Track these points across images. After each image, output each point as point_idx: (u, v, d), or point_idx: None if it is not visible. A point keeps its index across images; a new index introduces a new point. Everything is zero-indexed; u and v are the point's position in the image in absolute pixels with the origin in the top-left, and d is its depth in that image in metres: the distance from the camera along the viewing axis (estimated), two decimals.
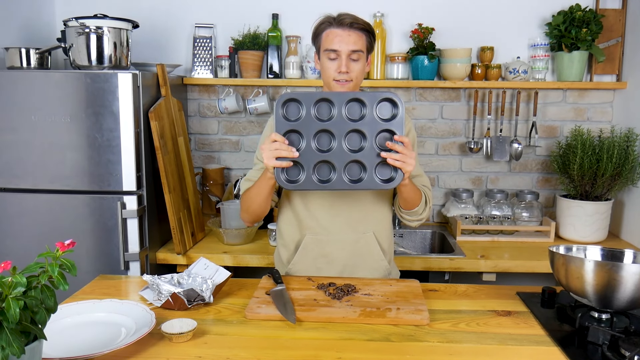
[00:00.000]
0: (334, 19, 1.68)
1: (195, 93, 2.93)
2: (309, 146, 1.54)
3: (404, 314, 1.49)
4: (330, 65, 1.68)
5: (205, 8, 2.86)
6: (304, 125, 1.54)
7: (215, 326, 1.45)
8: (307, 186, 1.56)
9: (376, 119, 1.54)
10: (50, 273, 1.08)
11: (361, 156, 1.54)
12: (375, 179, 1.55)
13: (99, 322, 1.44)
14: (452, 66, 2.71)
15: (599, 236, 2.59)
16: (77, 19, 2.22)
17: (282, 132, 1.53)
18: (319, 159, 1.55)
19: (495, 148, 2.81)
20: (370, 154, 1.54)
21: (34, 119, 2.23)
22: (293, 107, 1.55)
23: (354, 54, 1.67)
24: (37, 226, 2.29)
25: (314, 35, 1.73)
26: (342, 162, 1.55)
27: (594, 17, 2.65)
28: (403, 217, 1.82)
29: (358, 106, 1.55)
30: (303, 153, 1.54)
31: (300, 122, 1.54)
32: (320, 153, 1.55)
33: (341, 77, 1.67)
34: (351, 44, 1.66)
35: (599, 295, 1.40)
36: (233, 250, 2.42)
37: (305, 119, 1.54)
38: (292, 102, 1.54)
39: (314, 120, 1.54)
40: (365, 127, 1.54)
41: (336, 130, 1.54)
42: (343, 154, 1.55)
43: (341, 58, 1.66)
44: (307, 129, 1.54)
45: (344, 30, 1.66)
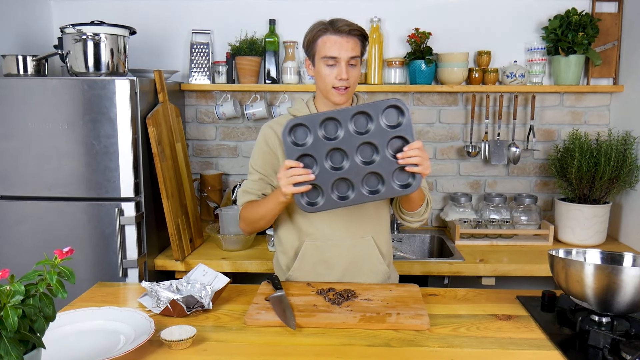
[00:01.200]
0: (330, 25, 1.67)
1: (193, 99, 2.93)
2: (323, 167, 1.54)
3: (404, 319, 1.48)
4: (329, 72, 1.67)
5: (202, 14, 2.86)
6: (314, 148, 1.54)
7: (214, 333, 1.44)
8: (329, 206, 1.56)
9: (384, 127, 1.54)
10: (48, 281, 1.07)
11: (376, 167, 1.55)
12: (394, 186, 1.56)
13: (97, 330, 1.43)
14: (450, 70, 2.71)
15: (598, 239, 2.59)
16: (74, 25, 2.22)
17: (294, 158, 1.54)
18: (335, 177, 1.55)
19: (493, 152, 2.81)
20: (385, 162, 1.54)
21: (31, 126, 2.22)
22: (300, 132, 1.55)
23: (352, 60, 1.67)
24: (34, 234, 2.28)
25: (309, 42, 1.71)
26: (358, 176, 1.55)
27: (590, 20, 2.66)
28: (405, 219, 1.82)
29: (364, 118, 1.54)
30: (319, 175, 1.54)
31: (310, 145, 1.54)
32: (335, 171, 1.55)
33: (341, 84, 1.67)
34: (350, 51, 1.65)
35: (599, 298, 1.39)
36: (232, 256, 2.41)
37: (315, 141, 1.54)
38: (299, 127, 1.55)
39: (323, 141, 1.54)
40: (375, 137, 1.54)
41: (347, 147, 1.54)
42: (358, 168, 1.55)
43: (340, 65, 1.66)
44: (318, 151, 1.54)
45: (341, 36, 1.65)
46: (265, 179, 1.81)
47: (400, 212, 1.82)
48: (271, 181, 1.81)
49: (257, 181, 1.81)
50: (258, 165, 1.81)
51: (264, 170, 1.80)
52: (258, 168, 1.81)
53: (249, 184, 1.82)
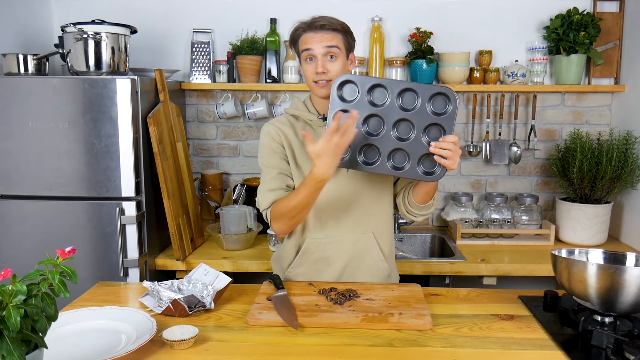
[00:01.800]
0: (306, 23, 1.69)
1: (194, 98, 2.92)
2: (359, 127, 1.57)
3: (406, 319, 1.48)
4: (308, 67, 1.69)
5: (203, 13, 2.86)
6: (356, 107, 1.57)
7: (216, 333, 1.44)
8: (351, 165, 1.59)
9: (428, 111, 1.55)
10: (50, 281, 1.07)
11: (407, 145, 1.57)
12: (418, 169, 1.57)
13: (99, 330, 1.43)
14: (451, 70, 2.71)
15: (599, 239, 2.59)
16: (75, 24, 2.21)
17: (335, 110, 1.56)
18: (366, 142, 1.58)
19: (494, 151, 2.81)
20: (417, 144, 1.56)
21: (31, 125, 2.22)
22: (348, 89, 1.58)
23: (329, 51, 1.66)
24: (35, 233, 2.27)
25: (291, 43, 1.74)
26: (388, 148, 1.57)
27: (591, 20, 2.65)
28: (411, 211, 1.80)
29: (412, 96, 1.56)
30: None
31: (353, 103, 1.57)
32: (368, 136, 1.58)
33: (318, 78, 1.67)
34: (325, 42, 1.65)
35: (602, 298, 1.39)
36: (232, 256, 2.41)
37: (359, 101, 1.57)
38: (349, 84, 1.58)
39: (367, 104, 1.57)
40: (415, 118, 1.56)
41: (387, 117, 1.57)
42: (390, 140, 1.57)
43: (317, 59, 1.67)
44: (359, 111, 1.56)
45: (315, 32, 1.66)
46: (284, 173, 1.76)
47: (407, 205, 1.80)
48: (288, 173, 1.77)
49: (277, 176, 1.75)
50: (272, 162, 1.76)
51: (279, 164, 1.75)
52: (273, 164, 1.76)
53: (270, 182, 1.75)
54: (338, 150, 1.50)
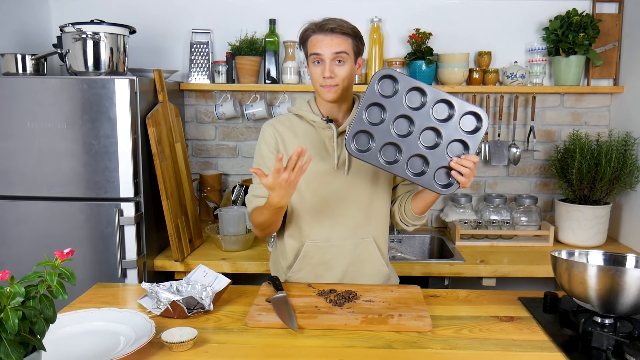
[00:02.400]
0: (317, 24, 1.67)
1: (193, 99, 2.92)
2: (388, 125, 1.57)
3: (406, 321, 1.48)
4: (316, 70, 1.67)
5: (202, 13, 2.85)
6: (391, 103, 1.57)
7: (215, 334, 1.43)
8: (371, 160, 1.59)
9: (458, 127, 1.58)
10: (49, 282, 1.06)
11: (430, 154, 1.58)
12: (434, 180, 1.59)
13: (97, 331, 1.42)
14: (450, 71, 2.71)
15: (598, 240, 2.59)
16: (73, 24, 2.21)
17: (369, 102, 1.57)
18: (391, 140, 1.58)
19: (494, 152, 2.81)
20: (439, 156, 1.58)
21: (30, 125, 2.21)
22: (387, 85, 1.58)
23: (337, 57, 1.65)
24: (33, 234, 2.27)
25: (300, 43, 1.73)
26: (410, 152, 1.58)
27: (590, 21, 2.65)
28: (408, 222, 1.82)
29: (446, 108, 1.58)
30: (380, 129, 1.57)
31: (389, 99, 1.58)
32: (395, 136, 1.58)
33: (325, 83, 1.66)
34: (334, 47, 1.64)
35: (603, 300, 1.39)
36: (231, 257, 2.40)
37: (396, 98, 1.57)
38: (389, 79, 1.58)
39: (402, 104, 1.58)
40: (445, 130, 1.58)
41: (418, 121, 1.58)
42: (415, 145, 1.58)
43: (325, 62, 1.65)
44: (392, 108, 1.57)
45: (325, 35, 1.65)
46: None
47: (403, 214, 1.81)
48: None
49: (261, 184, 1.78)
50: (261, 167, 1.77)
51: (267, 170, 1.74)
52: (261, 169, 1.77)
53: (256, 188, 1.79)
54: (289, 185, 1.53)
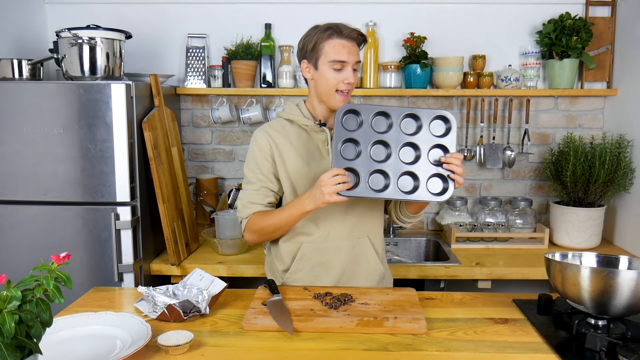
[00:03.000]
0: (336, 28, 1.67)
1: (189, 103, 2.93)
2: (366, 154, 1.60)
3: (401, 323, 1.48)
4: (335, 75, 1.68)
5: (198, 18, 2.86)
6: (361, 134, 1.60)
7: (211, 338, 1.44)
8: (362, 193, 1.60)
9: (430, 134, 1.61)
10: (45, 286, 1.07)
11: (415, 168, 1.60)
12: (427, 191, 1.61)
13: (94, 335, 1.43)
14: (445, 74, 2.72)
15: (593, 242, 2.60)
16: (69, 29, 2.21)
17: (341, 139, 1.59)
18: (374, 168, 1.60)
19: (488, 155, 2.82)
20: (424, 167, 1.61)
21: (26, 130, 2.21)
22: (351, 119, 1.62)
23: (356, 65, 1.70)
24: (30, 238, 2.27)
25: (313, 45, 1.69)
26: (396, 172, 1.60)
27: (583, 25, 2.67)
28: (405, 220, 1.86)
29: (413, 121, 1.62)
30: (360, 161, 1.59)
31: (358, 131, 1.60)
32: (375, 162, 1.60)
33: (346, 88, 1.69)
34: (356, 55, 1.69)
35: (596, 301, 1.40)
36: (228, 261, 2.41)
37: (364, 129, 1.61)
38: (351, 113, 1.61)
39: (372, 131, 1.61)
40: (419, 141, 1.61)
41: (392, 142, 1.61)
42: (398, 164, 1.60)
43: (348, 69, 1.68)
44: (364, 139, 1.60)
45: (349, 41, 1.68)
46: (266, 186, 1.78)
47: (399, 214, 1.85)
48: (272, 187, 1.79)
49: (259, 190, 1.78)
50: (255, 174, 1.78)
51: (263, 177, 1.78)
52: (256, 176, 1.78)
53: (251, 194, 1.79)
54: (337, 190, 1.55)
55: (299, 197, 1.68)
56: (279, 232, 1.77)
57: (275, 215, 1.72)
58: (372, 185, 1.60)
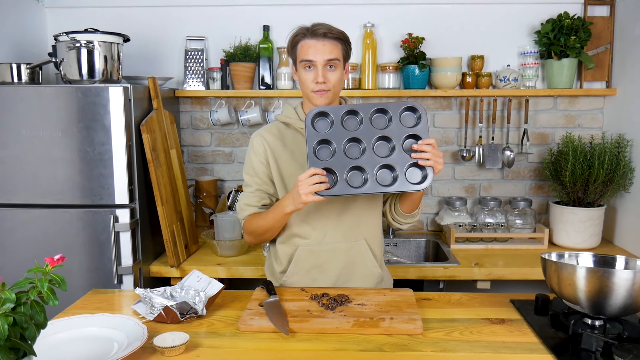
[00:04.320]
0: (308, 29, 1.69)
1: (188, 105, 2.93)
2: (341, 153, 1.62)
3: (397, 324, 1.48)
4: (307, 76, 1.69)
5: (196, 21, 2.87)
6: (334, 135, 1.62)
7: (208, 339, 1.44)
8: (342, 192, 1.60)
9: (401, 126, 1.63)
10: (39, 288, 1.07)
11: (391, 160, 1.62)
12: (406, 181, 1.61)
13: (91, 337, 1.43)
14: (443, 75, 2.72)
15: (593, 242, 2.59)
16: (67, 33, 2.22)
17: (314, 142, 1.62)
18: (351, 165, 1.61)
19: (488, 156, 2.82)
20: (400, 158, 1.62)
21: (25, 134, 2.22)
22: (322, 122, 1.64)
23: (329, 63, 1.67)
24: (29, 241, 2.27)
25: (290, 47, 1.74)
26: (372, 167, 1.61)
27: (582, 24, 2.67)
28: (398, 220, 1.85)
29: (383, 116, 1.65)
30: (335, 160, 1.61)
31: (330, 132, 1.63)
32: (351, 159, 1.61)
33: (319, 88, 1.68)
34: (326, 53, 1.66)
35: (592, 302, 1.40)
36: (227, 262, 2.41)
37: (335, 129, 1.63)
38: (321, 116, 1.64)
39: (344, 130, 1.63)
40: (392, 133, 1.63)
41: (365, 138, 1.62)
42: (373, 158, 1.62)
43: (317, 68, 1.67)
44: (337, 138, 1.62)
45: (317, 40, 1.67)
46: (262, 189, 1.81)
47: (394, 214, 1.84)
48: (267, 190, 1.81)
49: (255, 192, 1.81)
50: (252, 176, 1.81)
51: (258, 180, 1.80)
52: (252, 179, 1.81)
53: (248, 197, 1.82)
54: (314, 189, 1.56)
55: (280, 200, 1.70)
56: (270, 233, 1.78)
57: (262, 218, 1.75)
58: (351, 182, 1.60)
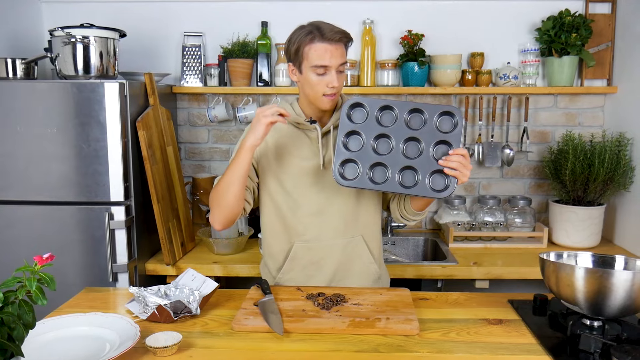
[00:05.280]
0: (317, 31, 1.63)
1: (185, 102, 2.91)
2: (368, 146, 1.61)
3: (393, 324, 1.47)
4: (319, 80, 1.64)
5: (194, 17, 2.84)
6: (365, 127, 1.61)
7: (201, 339, 1.42)
8: (362, 184, 1.61)
9: (435, 130, 1.60)
10: (28, 288, 1.05)
11: (416, 163, 1.60)
12: (428, 187, 1.59)
13: (82, 336, 1.41)
14: (443, 72, 2.70)
15: (592, 241, 2.57)
16: (62, 28, 2.20)
17: (345, 132, 1.61)
18: (375, 160, 1.60)
19: (487, 154, 2.80)
20: (426, 162, 1.59)
21: (19, 129, 2.20)
22: (358, 112, 1.64)
23: (341, 67, 1.66)
24: (23, 238, 2.25)
25: (295, 48, 1.66)
26: (397, 166, 1.60)
27: (583, 22, 2.64)
28: (409, 218, 1.81)
29: (419, 116, 1.62)
30: (361, 152, 1.60)
31: (362, 124, 1.62)
32: (377, 155, 1.60)
33: (332, 91, 1.65)
34: (339, 58, 1.64)
35: (590, 302, 1.38)
36: (223, 260, 2.39)
37: (368, 122, 1.62)
38: (358, 107, 1.64)
39: (376, 125, 1.61)
40: (423, 136, 1.60)
41: (395, 136, 1.61)
42: (399, 158, 1.60)
43: (332, 73, 1.64)
44: (368, 131, 1.62)
45: (331, 44, 1.62)
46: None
47: (404, 211, 1.80)
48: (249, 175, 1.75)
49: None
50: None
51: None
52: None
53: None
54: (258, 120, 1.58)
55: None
56: (231, 190, 1.63)
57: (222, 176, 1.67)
58: (373, 177, 1.60)
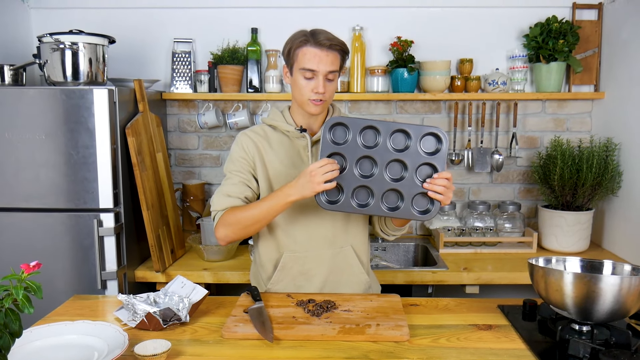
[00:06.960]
0: (311, 36, 1.64)
1: (175, 108, 2.90)
2: (351, 169, 1.58)
3: (383, 330, 1.47)
4: (306, 84, 1.65)
5: (184, 23, 2.84)
6: (348, 149, 1.58)
7: (190, 347, 1.42)
8: (345, 208, 1.59)
9: (420, 151, 1.57)
10: (14, 296, 1.05)
11: (400, 186, 1.58)
12: (412, 209, 1.58)
13: (70, 345, 1.40)
14: (432, 78, 2.71)
15: (581, 246, 2.59)
16: (51, 34, 2.19)
17: (327, 154, 1.57)
18: (359, 184, 1.58)
19: (477, 159, 2.81)
20: (410, 185, 1.57)
21: (8, 136, 2.19)
22: (340, 131, 1.59)
23: (330, 75, 1.65)
24: (11, 245, 2.23)
25: (288, 51, 1.68)
26: (381, 189, 1.58)
27: (570, 28, 2.67)
28: (389, 233, 1.82)
29: (403, 137, 1.58)
30: (345, 176, 1.57)
31: (345, 146, 1.58)
32: (361, 178, 1.58)
33: (316, 97, 1.65)
34: (329, 65, 1.63)
35: (579, 307, 1.39)
36: (213, 267, 2.38)
37: (351, 143, 1.57)
38: (339, 126, 1.58)
39: (359, 147, 1.58)
40: (407, 158, 1.58)
41: (379, 158, 1.58)
42: (383, 181, 1.58)
43: (318, 78, 1.63)
44: (351, 153, 1.58)
45: (322, 50, 1.62)
46: (245, 182, 1.75)
47: (384, 226, 1.82)
48: (251, 185, 1.75)
49: (238, 184, 1.74)
50: (236, 169, 1.75)
51: (241, 175, 1.75)
52: (237, 171, 1.75)
53: (230, 187, 1.74)
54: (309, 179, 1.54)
55: (280, 188, 1.63)
56: (257, 225, 1.68)
57: (255, 207, 1.66)
58: (356, 200, 1.58)
